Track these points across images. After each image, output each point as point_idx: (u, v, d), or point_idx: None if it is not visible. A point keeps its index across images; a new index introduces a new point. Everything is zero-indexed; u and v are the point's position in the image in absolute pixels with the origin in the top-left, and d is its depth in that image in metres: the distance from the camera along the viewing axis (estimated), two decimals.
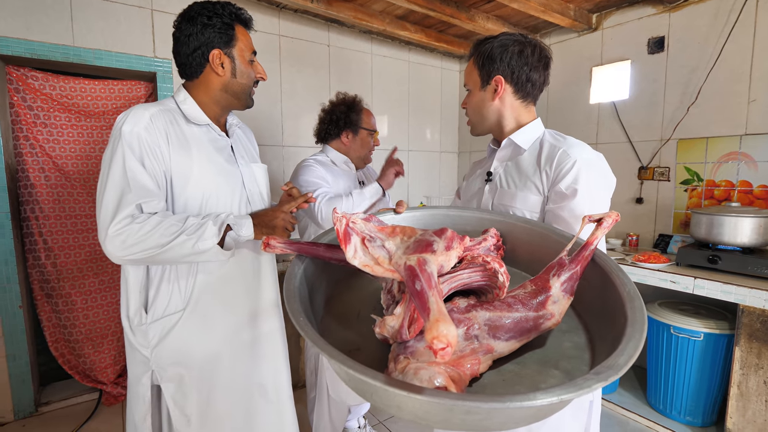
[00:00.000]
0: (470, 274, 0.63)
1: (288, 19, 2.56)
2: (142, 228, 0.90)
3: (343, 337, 0.67)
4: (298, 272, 0.69)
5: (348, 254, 0.62)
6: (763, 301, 1.56)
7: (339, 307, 0.75)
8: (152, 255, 0.92)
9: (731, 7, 2.05)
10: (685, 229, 2.27)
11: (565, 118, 2.75)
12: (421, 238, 0.64)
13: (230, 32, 1.04)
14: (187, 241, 0.92)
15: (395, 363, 0.54)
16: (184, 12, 1.05)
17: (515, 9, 2.41)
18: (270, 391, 1.17)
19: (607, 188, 0.96)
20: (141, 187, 0.93)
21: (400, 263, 0.59)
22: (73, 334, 2.12)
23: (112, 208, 0.91)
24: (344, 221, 0.63)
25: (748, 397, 1.64)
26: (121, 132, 0.95)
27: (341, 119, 1.68)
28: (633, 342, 0.52)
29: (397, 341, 0.58)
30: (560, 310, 0.64)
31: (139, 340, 1.03)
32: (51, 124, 2.02)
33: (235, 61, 1.06)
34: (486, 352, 0.58)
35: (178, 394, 1.05)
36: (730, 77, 2.08)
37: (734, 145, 2.09)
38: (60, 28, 1.92)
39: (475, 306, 0.63)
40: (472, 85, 1.06)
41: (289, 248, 0.73)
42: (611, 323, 0.60)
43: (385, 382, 0.44)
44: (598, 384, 0.44)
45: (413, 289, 0.52)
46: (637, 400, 2.14)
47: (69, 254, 2.09)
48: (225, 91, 1.07)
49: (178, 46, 1.05)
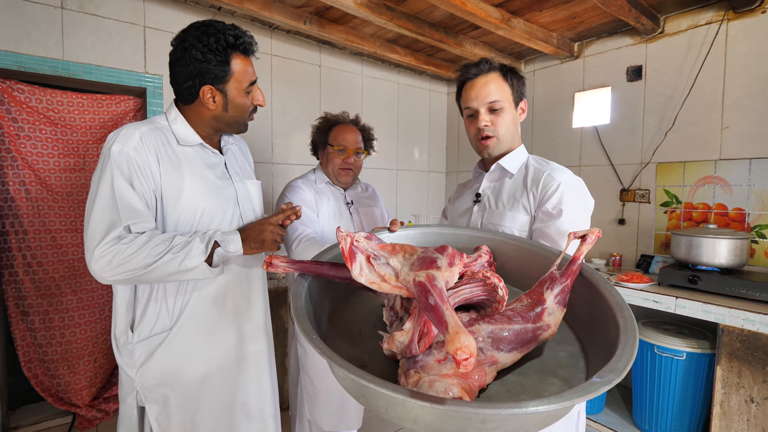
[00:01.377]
0: (472, 289, 0.65)
1: (280, 40, 2.61)
2: (129, 248, 0.89)
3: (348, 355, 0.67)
4: (303, 291, 0.70)
5: (354, 272, 0.63)
6: (742, 320, 1.61)
7: (341, 325, 0.76)
8: (138, 275, 0.91)
9: (703, 39, 2.17)
10: (665, 250, 2.34)
11: (549, 141, 2.83)
12: (424, 255, 0.66)
13: (225, 68, 0.99)
14: (174, 260, 0.91)
15: (406, 377, 0.56)
16: (180, 35, 1.00)
17: (501, 36, 2.51)
18: (253, 409, 1.14)
19: (587, 208, 1.03)
20: (129, 208, 0.92)
21: (408, 279, 0.61)
22: (48, 353, 2.03)
23: (100, 229, 0.90)
24: (349, 240, 0.64)
25: (731, 416, 1.66)
26: (110, 152, 0.94)
27: (316, 138, 1.72)
28: (629, 347, 0.55)
29: (406, 356, 0.59)
30: (555, 321, 0.68)
31: (125, 360, 1.01)
32: (35, 137, 1.98)
33: (227, 97, 1.02)
34: (491, 364, 0.61)
35: (161, 416, 1.02)
36: (703, 105, 2.19)
37: (710, 169, 2.18)
38: (50, 42, 1.91)
39: (477, 320, 0.66)
40: (507, 102, 1.04)
41: (292, 267, 0.74)
42: (604, 332, 0.64)
43: (409, 394, 0.45)
44: (604, 387, 0.47)
45: (427, 304, 0.54)
46: (623, 420, 2.14)
47: (47, 270, 2.03)
48: (216, 120, 1.07)
49: (172, 70, 1.03)
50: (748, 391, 1.61)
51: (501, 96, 1.04)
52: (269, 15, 2.15)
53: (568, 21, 2.38)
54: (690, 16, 2.22)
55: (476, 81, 1.06)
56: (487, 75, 1.05)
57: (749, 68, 2.03)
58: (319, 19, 2.37)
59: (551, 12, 2.27)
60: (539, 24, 2.43)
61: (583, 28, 2.48)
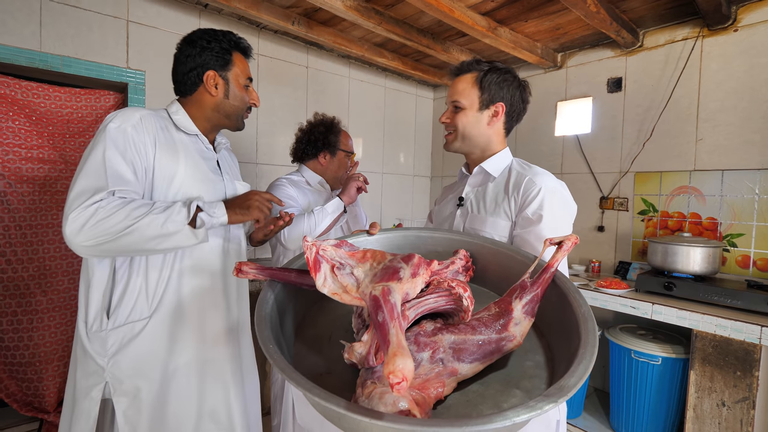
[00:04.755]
0: (436, 299, 0.65)
1: (267, 39, 2.59)
2: (105, 210, 0.85)
3: (314, 361, 0.67)
4: (269, 298, 0.69)
5: (318, 282, 0.63)
6: (714, 326, 1.66)
7: (311, 329, 0.75)
8: (115, 239, 0.86)
9: (680, 54, 2.26)
10: (643, 257, 2.40)
11: (532, 148, 2.88)
12: (388, 265, 0.65)
13: (227, 57, 1.10)
14: (154, 222, 0.88)
15: (362, 388, 0.55)
16: (187, 36, 1.11)
17: (487, 44, 2.55)
18: (234, 412, 1.11)
19: (569, 214, 1.02)
20: (117, 176, 0.91)
21: (366, 292, 0.61)
22: (16, 356, 1.94)
23: (83, 194, 0.86)
24: (314, 249, 0.63)
25: (703, 420, 1.71)
26: (107, 128, 0.94)
27: (320, 140, 1.68)
28: (583, 364, 0.54)
29: (365, 367, 0.59)
30: (521, 331, 0.67)
31: (96, 348, 0.96)
32: (8, 128, 1.90)
33: (229, 84, 1.11)
34: (450, 375, 0.60)
35: (131, 410, 0.97)
36: (679, 117, 2.27)
37: (685, 179, 2.25)
38: (26, 33, 1.85)
39: (441, 329, 0.65)
40: (468, 104, 1.07)
41: (261, 273, 0.73)
42: (568, 343, 0.63)
43: (346, 408, 0.45)
44: (549, 405, 0.46)
45: (376, 321, 0.54)
46: (601, 425, 2.18)
47: (16, 269, 1.94)
48: (217, 110, 1.12)
49: (177, 65, 1.10)
50: (720, 395, 1.66)
51: (465, 96, 1.06)
52: (257, 14, 2.13)
53: (552, 32, 2.44)
54: (668, 31, 2.30)
55: (454, 80, 1.10)
56: (464, 75, 1.08)
57: (722, 84, 2.12)
58: (307, 21, 2.36)
59: (536, 22, 2.32)
60: (524, 34, 2.48)
61: (566, 40, 2.55)
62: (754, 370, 1.57)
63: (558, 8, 2.14)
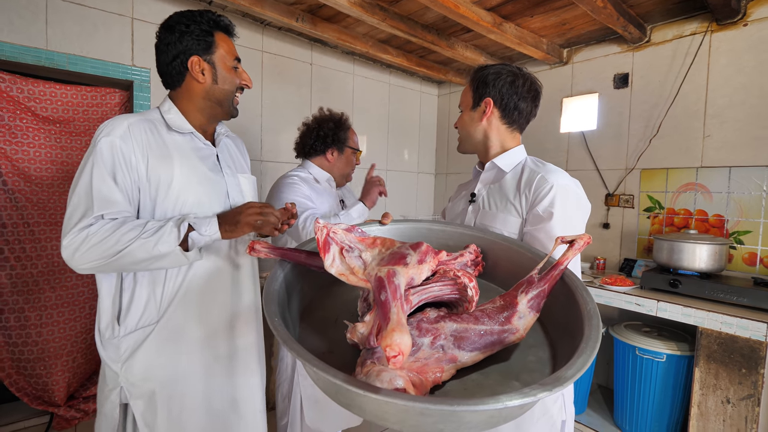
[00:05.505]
0: (441, 287, 0.65)
1: (271, 36, 2.58)
2: (96, 235, 0.87)
3: (317, 341, 0.69)
4: (279, 276, 0.71)
5: (326, 263, 0.65)
6: (720, 323, 1.65)
7: (319, 312, 0.77)
8: (110, 261, 0.88)
9: (687, 49, 2.23)
10: (648, 254, 2.39)
11: (537, 144, 2.87)
12: (396, 251, 0.66)
13: (209, 39, 1.04)
14: (145, 245, 0.88)
15: (362, 367, 0.57)
16: (164, 22, 1.06)
17: (492, 40, 2.53)
18: (242, 406, 1.13)
19: (582, 212, 1.01)
20: (103, 198, 0.90)
21: (372, 274, 0.62)
22: (24, 352, 1.97)
23: (74, 217, 0.89)
24: (325, 231, 0.65)
25: (708, 417, 1.71)
26: (96, 142, 0.94)
27: (328, 136, 1.64)
28: (583, 357, 0.54)
29: (366, 347, 0.60)
30: (525, 325, 0.67)
31: (110, 355, 0.98)
32: (15, 127, 1.92)
33: (215, 68, 1.05)
34: (450, 362, 0.61)
35: (147, 412, 1.00)
36: (687, 113, 2.24)
37: (691, 176, 2.24)
38: (33, 31, 1.86)
39: (444, 317, 0.66)
40: (464, 106, 1.13)
41: (272, 253, 0.75)
42: (572, 339, 0.63)
43: (345, 380, 0.46)
44: (543, 393, 0.46)
45: (378, 299, 0.55)
46: (604, 421, 2.19)
47: (25, 265, 1.97)
48: (207, 98, 1.07)
49: (159, 55, 1.06)
50: (725, 392, 1.66)
51: (463, 99, 1.15)
52: (261, 11, 2.13)
53: (558, 27, 2.42)
54: (675, 26, 2.28)
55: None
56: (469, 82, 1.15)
57: (731, 79, 2.10)
58: (311, 17, 2.35)
59: (542, 18, 2.30)
60: (530, 29, 2.46)
61: (572, 35, 2.53)
62: (760, 367, 1.57)
63: (564, 3, 2.12)
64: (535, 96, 1.09)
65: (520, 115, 1.09)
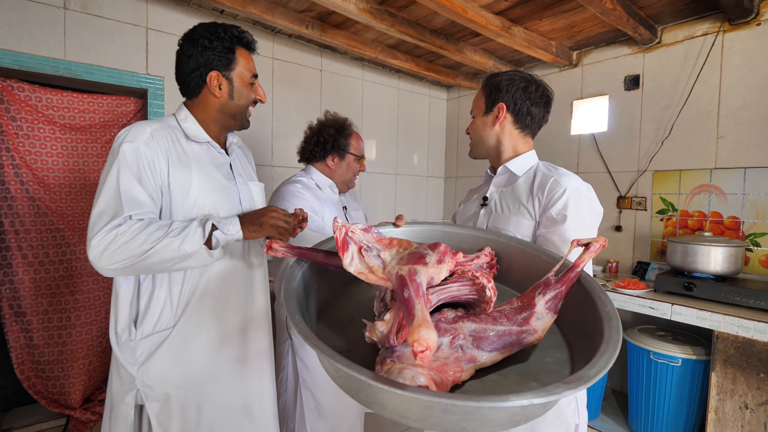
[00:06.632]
0: (459, 288, 0.66)
1: (282, 44, 2.62)
2: (125, 235, 0.89)
3: (335, 340, 0.69)
4: (297, 274, 0.72)
5: (345, 261, 0.65)
6: (736, 327, 1.63)
7: (335, 311, 0.77)
8: (136, 262, 0.90)
9: (699, 50, 2.21)
10: (661, 257, 2.36)
11: (548, 147, 2.86)
12: (415, 251, 0.67)
13: (230, 56, 1.07)
14: (171, 244, 0.90)
15: (381, 365, 0.57)
16: (187, 33, 1.08)
17: (501, 43, 2.53)
18: (255, 410, 1.14)
19: (594, 216, 1.02)
20: (132, 199, 0.93)
21: (392, 272, 0.63)
22: (44, 354, 2.02)
23: (101, 219, 0.91)
24: (344, 230, 0.66)
25: (725, 423, 1.67)
26: (120, 148, 0.96)
27: (329, 142, 1.61)
28: (606, 356, 0.54)
29: (385, 346, 0.60)
30: (543, 326, 0.67)
31: (126, 357, 1.00)
32: (34, 136, 1.98)
33: (233, 84, 1.08)
34: (469, 361, 0.61)
35: (162, 415, 1.01)
36: (699, 114, 2.22)
37: (705, 178, 2.21)
38: (52, 42, 1.91)
39: (462, 317, 0.66)
40: (477, 111, 1.15)
41: (290, 252, 0.76)
42: (591, 340, 0.63)
43: (371, 377, 0.46)
44: (567, 391, 0.46)
45: (401, 297, 0.56)
46: (618, 426, 2.15)
47: (48, 269, 2.02)
48: (222, 111, 1.10)
49: (179, 65, 1.08)
50: (743, 397, 1.63)
51: (475, 105, 1.16)
52: (272, 19, 2.16)
53: (567, 30, 2.42)
54: (687, 27, 2.26)
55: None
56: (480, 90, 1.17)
57: (744, 79, 2.07)
58: (321, 24, 2.38)
59: (551, 21, 2.30)
60: (539, 32, 2.46)
61: (581, 37, 2.52)
62: None
63: (573, 6, 2.12)
64: (547, 102, 1.11)
65: (532, 120, 1.11)
